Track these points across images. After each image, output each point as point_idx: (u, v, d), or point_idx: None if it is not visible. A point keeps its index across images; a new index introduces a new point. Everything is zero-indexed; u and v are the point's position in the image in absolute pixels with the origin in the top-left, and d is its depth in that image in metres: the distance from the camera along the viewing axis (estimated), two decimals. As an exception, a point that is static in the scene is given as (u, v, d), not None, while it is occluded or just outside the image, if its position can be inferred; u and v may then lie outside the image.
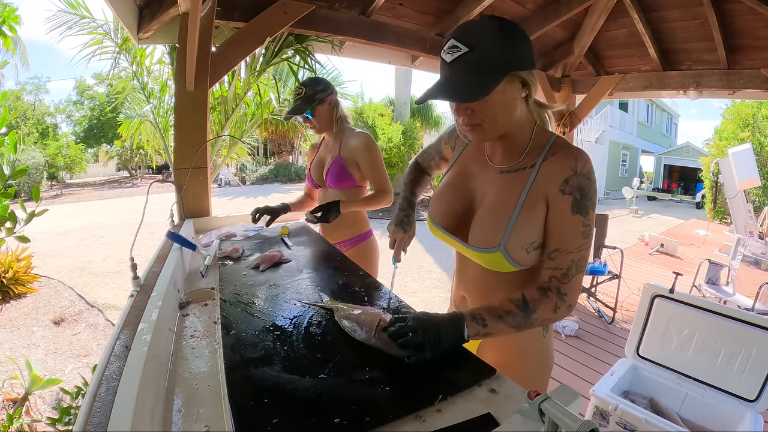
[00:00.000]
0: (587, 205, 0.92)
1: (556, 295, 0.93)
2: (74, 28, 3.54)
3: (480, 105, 0.90)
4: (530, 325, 0.93)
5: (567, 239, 0.94)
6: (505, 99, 0.90)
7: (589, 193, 0.92)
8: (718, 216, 11.46)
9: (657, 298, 2.31)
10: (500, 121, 0.93)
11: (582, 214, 0.92)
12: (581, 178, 0.91)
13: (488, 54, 0.86)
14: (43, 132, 22.42)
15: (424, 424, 0.68)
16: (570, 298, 0.94)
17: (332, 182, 2.07)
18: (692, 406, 2.15)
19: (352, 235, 2.16)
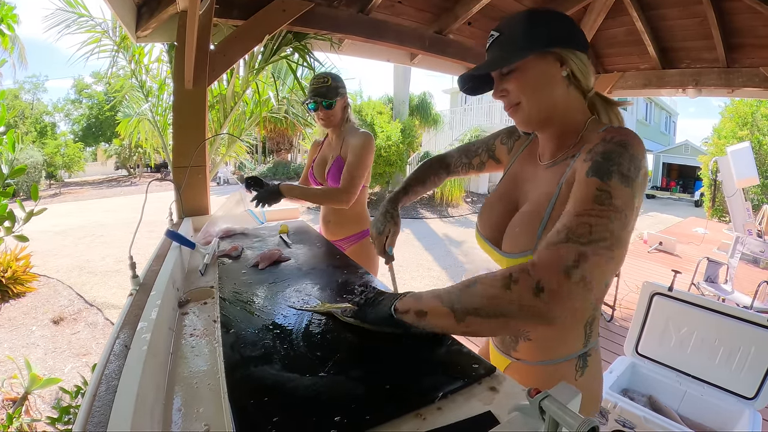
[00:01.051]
0: (610, 170, 0.72)
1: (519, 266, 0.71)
2: (72, 26, 3.54)
3: (514, 83, 0.88)
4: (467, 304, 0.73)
5: (571, 204, 0.74)
6: (539, 75, 0.86)
7: (615, 158, 0.73)
8: (717, 214, 11.48)
9: (656, 296, 2.31)
10: (537, 98, 0.88)
11: (599, 176, 0.73)
12: (609, 144, 0.76)
13: (515, 33, 0.87)
14: (41, 131, 22.41)
15: (425, 423, 0.67)
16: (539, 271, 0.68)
17: (333, 181, 2.05)
18: (691, 404, 2.16)
19: (353, 233, 2.14)
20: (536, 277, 0.67)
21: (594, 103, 0.90)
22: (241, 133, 4.21)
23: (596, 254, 0.67)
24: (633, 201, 0.72)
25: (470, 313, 0.72)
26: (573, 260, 0.67)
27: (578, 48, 0.86)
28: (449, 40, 3.39)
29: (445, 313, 0.76)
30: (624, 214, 0.70)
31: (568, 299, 0.66)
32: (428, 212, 11.71)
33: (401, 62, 3.65)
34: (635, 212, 0.75)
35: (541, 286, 0.66)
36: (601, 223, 0.69)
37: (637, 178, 0.73)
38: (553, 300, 0.66)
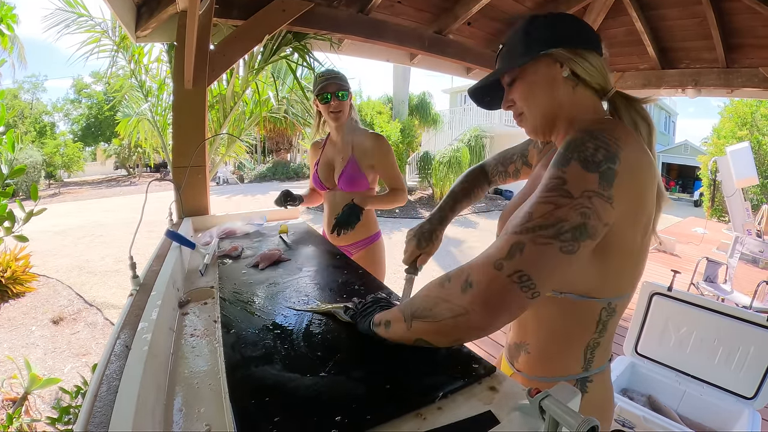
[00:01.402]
0: (569, 157, 0.66)
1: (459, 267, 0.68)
2: (72, 26, 3.54)
3: (517, 93, 0.87)
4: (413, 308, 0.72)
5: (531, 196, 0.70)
6: (537, 80, 0.84)
7: (577, 145, 0.67)
8: (716, 214, 11.49)
9: (655, 295, 2.32)
10: (538, 104, 0.85)
11: (555, 166, 0.67)
12: (577, 133, 0.70)
13: (514, 42, 0.86)
14: (40, 131, 22.40)
15: (425, 422, 0.68)
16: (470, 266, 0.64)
17: (345, 184, 2.02)
18: (690, 404, 2.16)
19: (362, 237, 2.10)
20: (466, 273, 0.63)
21: (615, 102, 0.84)
22: (240, 133, 4.21)
23: (536, 244, 0.60)
24: (604, 188, 0.63)
25: (414, 315, 0.70)
26: (507, 251, 0.60)
27: (581, 46, 0.81)
28: (449, 40, 3.39)
29: (399, 319, 0.75)
30: (584, 201, 0.62)
31: (498, 296, 0.60)
32: (427, 212, 11.69)
33: (401, 62, 3.66)
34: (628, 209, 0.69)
35: (470, 281, 0.61)
36: (544, 209, 0.62)
37: (611, 165, 0.64)
38: (480, 297, 0.60)
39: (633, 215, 0.71)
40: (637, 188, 0.69)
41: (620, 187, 0.65)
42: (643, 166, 0.69)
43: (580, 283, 0.79)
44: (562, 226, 0.61)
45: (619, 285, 0.80)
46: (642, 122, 0.80)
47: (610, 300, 0.80)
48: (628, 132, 0.70)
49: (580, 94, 0.83)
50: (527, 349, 0.95)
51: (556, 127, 0.87)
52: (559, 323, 0.86)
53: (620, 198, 0.66)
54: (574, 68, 0.81)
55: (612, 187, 0.64)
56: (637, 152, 0.69)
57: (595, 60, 0.82)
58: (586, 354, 0.86)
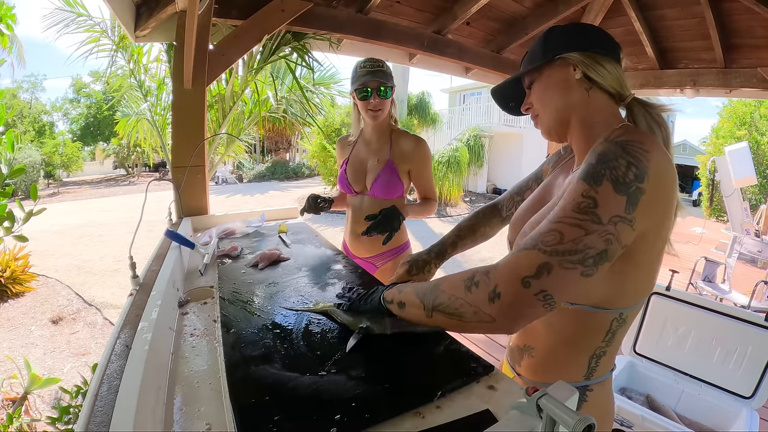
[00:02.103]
0: (602, 174, 0.66)
1: (484, 267, 0.70)
2: (71, 26, 3.54)
3: (534, 95, 0.91)
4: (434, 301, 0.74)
5: (556, 208, 0.69)
6: (551, 83, 0.87)
7: (612, 161, 0.66)
8: (715, 214, 11.51)
9: (653, 295, 2.32)
10: (551, 105, 0.88)
11: (588, 181, 0.67)
12: (609, 143, 0.69)
13: (535, 49, 0.90)
14: (39, 130, 22.38)
15: (424, 421, 0.68)
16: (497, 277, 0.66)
17: (379, 190, 1.84)
18: (689, 403, 2.16)
19: (390, 248, 1.92)
20: (494, 282, 0.65)
21: (632, 108, 0.84)
22: (239, 132, 4.21)
23: (563, 267, 0.63)
24: (629, 211, 0.65)
25: (436, 308, 0.74)
26: (535, 270, 0.63)
27: (596, 51, 0.83)
28: (448, 40, 3.39)
29: (417, 305, 0.78)
30: (610, 228, 0.64)
31: (522, 311, 0.64)
32: (427, 212, 11.69)
33: (400, 62, 3.66)
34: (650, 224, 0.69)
35: (498, 292, 0.64)
36: (575, 233, 0.64)
37: (639, 185, 0.64)
38: (505, 310, 0.64)
39: (656, 228, 0.72)
40: (663, 199, 0.70)
41: (645, 204, 0.66)
42: (669, 175, 0.69)
43: (595, 295, 0.79)
44: (587, 252, 0.63)
45: (634, 296, 0.81)
46: (658, 129, 0.81)
47: (622, 311, 0.81)
48: (654, 140, 0.70)
49: (595, 98, 0.84)
50: (531, 353, 0.95)
51: (570, 129, 0.88)
52: (569, 331, 0.86)
53: (644, 215, 0.66)
54: (587, 71, 0.82)
55: (636, 208, 0.65)
56: (664, 161, 0.69)
57: (610, 65, 0.83)
58: (590, 362, 0.87)
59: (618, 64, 0.84)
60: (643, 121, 0.82)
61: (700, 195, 13.76)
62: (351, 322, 0.97)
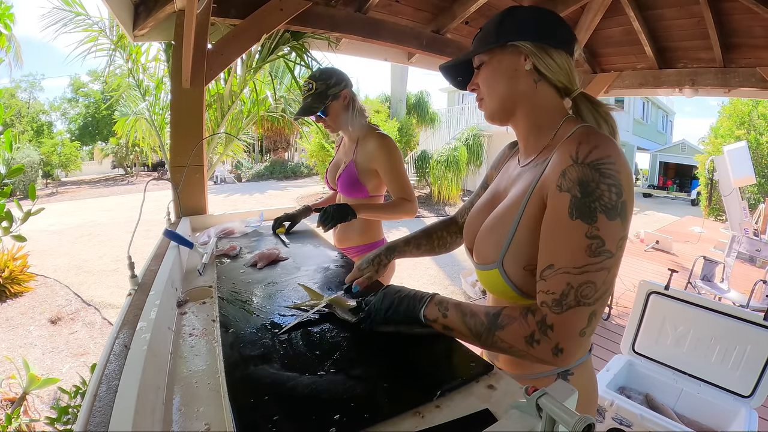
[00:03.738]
0: (593, 207, 0.69)
1: (538, 323, 0.73)
2: (69, 25, 3.53)
3: (480, 77, 0.91)
4: (492, 343, 0.78)
5: (561, 253, 0.72)
6: (500, 68, 0.87)
7: (595, 190, 0.69)
8: (714, 213, 11.53)
9: (652, 294, 2.33)
10: (494, 91, 0.89)
11: (584, 220, 0.70)
12: (583, 168, 0.71)
13: (489, 29, 0.89)
14: (38, 130, 22.31)
15: (423, 420, 0.68)
16: (558, 336, 0.71)
17: (343, 190, 1.91)
18: (687, 402, 2.17)
19: (362, 243, 1.98)
20: (555, 341, 0.72)
21: (578, 104, 0.88)
22: (238, 132, 4.20)
23: (602, 306, 0.72)
24: (623, 226, 0.71)
25: (492, 347, 0.79)
26: (587, 322, 0.71)
27: (551, 44, 0.83)
28: (447, 40, 3.39)
29: (471, 338, 0.82)
30: (620, 253, 0.71)
31: (577, 353, 0.73)
32: (426, 211, 11.73)
33: (399, 61, 3.66)
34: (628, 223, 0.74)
35: (560, 348, 0.71)
36: (602, 277, 0.70)
37: (621, 199, 0.70)
38: (567, 358, 0.72)
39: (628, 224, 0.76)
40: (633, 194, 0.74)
41: (630, 206, 0.72)
42: (630, 173, 0.73)
43: None
44: (611, 283, 0.72)
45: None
46: (605, 125, 0.85)
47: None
48: (612, 144, 0.74)
49: (541, 90, 0.86)
50: None
51: (514, 117, 0.91)
52: None
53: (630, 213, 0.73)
54: (537, 64, 0.84)
55: (628, 220, 0.72)
56: (623, 159, 0.73)
57: (561, 59, 0.84)
58: None
59: (570, 57, 0.86)
60: (589, 116, 0.86)
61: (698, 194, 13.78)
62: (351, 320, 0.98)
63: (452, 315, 0.83)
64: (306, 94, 1.77)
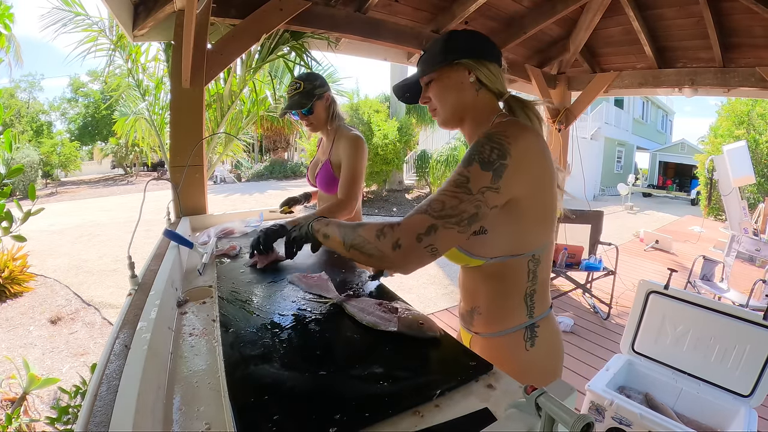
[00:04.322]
0: (473, 157, 0.86)
1: (390, 223, 0.87)
2: (69, 25, 3.53)
3: (432, 91, 1.07)
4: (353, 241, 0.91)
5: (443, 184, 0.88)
6: (450, 83, 1.03)
7: (480, 147, 0.87)
8: (713, 213, 11.53)
9: (652, 294, 2.33)
10: (446, 102, 1.05)
11: (463, 164, 0.87)
12: (480, 136, 0.90)
13: (434, 51, 1.05)
14: (37, 130, 22.29)
15: (422, 420, 0.68)
16: (399, 232, 0.84)
17: (321, 186, 2.00)
18: (687, 402, 2.17)
19: None
20: (397, 235, 0.84)
21: (510, 104, 1.04)
22: (238, 132, 4.20)
23: (444, 228, 0.83)
24: (494, 182, 0.84)
25: (353, 246, 0.92)
26: (425, 230, 0.83)
27: (486, 59, 1.01)
28: (447, 39, 3.40)
29: (338, 241, 0.96)
30: (479, 197, 0.84)
31: (415, 258, 0.84)
32: (426, 211, 11.69)
33: (398, 61, 3.66)
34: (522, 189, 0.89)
35: (399, 243, 0.83)
36: (452, 203, 0.83)
37: (503, 161, 0.85)
38: (403, 256, 0.83)
39: (535, 187, 0.92)
40: (533, 167, 0.90)
41: (512, 174, 0.86)
42: (534, 150, 0.90)
43: (504, 247, 0.96)
44: (462, 216, 0.83)
45: (537, 239, 0.98)
46: (534, 117, 1.02)
47: (533, 252, 0.98)
48: (521, 127, 0.92)
49: (482, 96, 1.04)
50: (478, 311, 1.09)
51: (463, 122, 1.08)
52: (498, 282, 1.02)
53: (511, 182, 0.86)
54: (479, 75, 1.01)
55: (501, 178, 0.85)
56: (528, 142, 0.90)
57: (495, 70, 1.03)
58: (527, 302, 1.02)
59: (500, 67, 1.05)
60: (520, 113, 1.02)
61: (698, 194, 13.78)
62: (357, 315, 1.02)
63: (331, 226, 1.02)
64: (293, 93, 1.88)
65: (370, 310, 1.04)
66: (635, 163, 23.00)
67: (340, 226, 0.99)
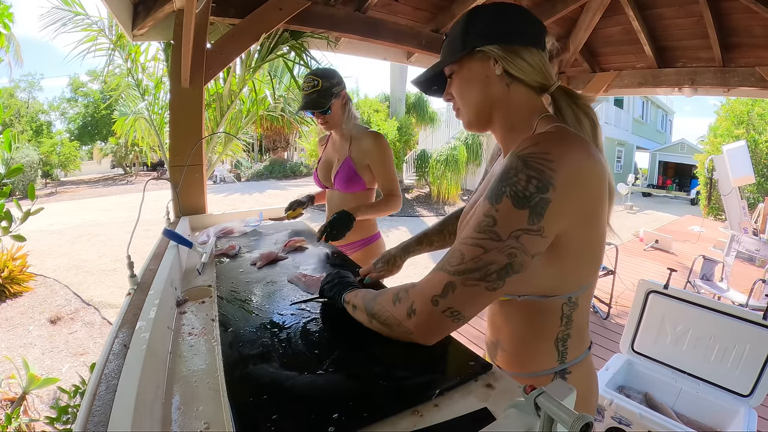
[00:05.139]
0: (503, 191, 0.68)
1: (405, 286, 0.77)
2: (68, 24, 3.53)
3: (453, 87, 0.89)
4: (372, 310, 0.83)
5: (465, 230, 0.72)
6: (471, 76, 0.85)
7: (512, 177, 0.68)
8: (713, 212, 11.53)
9: (651, 293, 2.33)
10: (470, 100, 0.87)
11: (490, 201, 0.69)
12: (512, 158, 0.70)
13: (454, 35, 0.86)
14: (37, 130, 22.30)
15: (422, 419, 0.68)
16: (413, 296, 0.74)
17: (341, 185, 1.97)
18: (687, 401, 2.17)
19: (357, 239, 2.04)
20: (411, 300, 0.73)
21: (557, 100, 0.83)
22: (237, 131, 4.20)
23: (465, 285, 0.68)
24: (534, 222, 0.66)
25: (373, 316, 0.83)
26: (441, 290, 0.69)
27: (518, 42, 0.80)
28: (446, 39, 3.40)
29: (362, 310, 0.88)
30: (512, 242, 0.66)
31: (433, 326, 0.72)
32: (425, 210, 11.72)
33: (398, 61, 3.66)
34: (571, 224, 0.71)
35: (413, 309, 0.72)
36: (474, 252, 0.68)
37: (543, 195, 0.66)
38: (420, 325, 0.72)
39: (583, 220, 0.73)
40: (582, 196, 0.70)
41: (555, 211, 0.67)
42: (586, 173, 0.70)
43: (539, 285, 0.81)
44: (489, 269, 0.67)
45: (578, 281, 0.81)
46: (585, 119, 0.81)
47: (570, 295, 0.82)
48: (568, 141, 0.71)
49: (515, 92, 0.83)
50: (502, 346, 0.96)
51: (492, 123, 0.88)
52: (525, 322, 0.88)
53: (557, 220, 0.68)
54: (507, 67, 0.81)
55: (543, 217, 0.66)
56: (578, 162, 0.69)
57: (532, 57, 0.81)
58: (558, 347, 0.87)
59: (542, 51, 0.83)
60: (569, 111, 0.82)
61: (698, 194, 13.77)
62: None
63: (361, 293, 0.92)
64: (310, 90, 1.81)
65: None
66: (635, 163, 23.01)
67: (366, 294, 0.89)
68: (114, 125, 5.35)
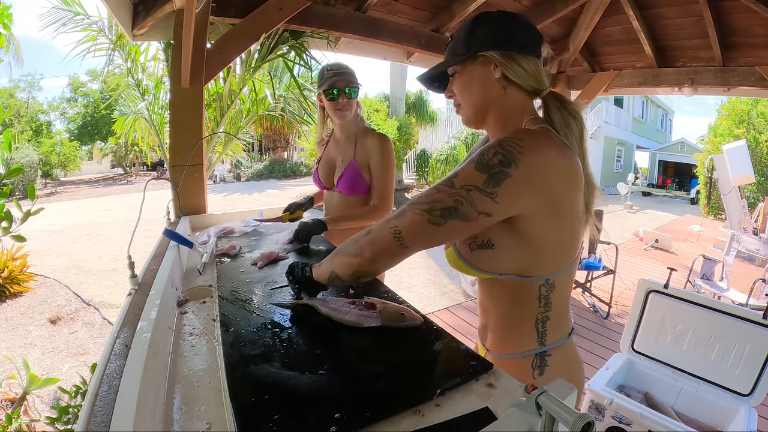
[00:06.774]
0: (471, 160, 0.80)
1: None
2: (68, 24, 3.53)
3: (455, 85, 0.98)
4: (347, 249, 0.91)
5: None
6: (473, 78, 0.93)
7: (484, 152, 0.79)
8: (713, 212, 11.53)
9: (651, 293, 2.33)
10: (470, 99, 0.96)
11: (461, 164, 0.84)
12: (495, 139, 0.81)
13: (459, 38, 0.94)
14: (36, 130, 22.27)
15: (423, 419, 0.68)
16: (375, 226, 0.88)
17: (344, 188, 1.92)
18: (687, 401, 2.17)
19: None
20: (372, 226, 0.88)
21: (547, 104, 0.91)
22: (237, 131, 4.20)
23: (412, 212, 0.81)
24: (488, 185, 0.76)
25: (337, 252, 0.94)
26: (395, 215, 0.84)
27: (517, 50, 0.89)
28: (446, 39, 3.37)
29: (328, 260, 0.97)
30: (462, 192, 0.78)
31: (381, 243, 0.85)
32: (425, 210, 11.69)
33: (398, 60, 3.66)
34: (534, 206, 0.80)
35: (371, 229, 0.87)
36: (429, 192, 0.81)
37: (504, 169, 0.76)
38: (373, 241, 0.85)
39: (547, 208, 0.82)
40: (547, 186, 0.80)
41: (513, 186, 0.77)
42: (555, 167, 0.80)
43: (512, 265, 0.89)
44: (434, 205, 0.79)
45: (553, 264, 0.89)
46: (573, 122, 0.88)
47: (546, 277, 0.89)
48: (543, 139, 0.81)
49: (510, 94, 0.92)
50: (491, 329, 1.04)
51: (487, 122, 0.97)
52: (508, 303, 0.96)
53: (515, 195, 0.78)
54: (506, 72, 0.89)
55: (499, 186, 0.77)
56: (547, 155, 0.79)
57: (528, 64, 0.90)
58: (537, 328, 0.94)
59: (537, 59, 0.92)
60: (557, 115, 0.88)
61: (698, 193, 13.76)
62: (333, 315, 1.00)
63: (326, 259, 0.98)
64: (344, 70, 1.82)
65: (345, 309, 1.01)
66: (635, 162, 23.01)
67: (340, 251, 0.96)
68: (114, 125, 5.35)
